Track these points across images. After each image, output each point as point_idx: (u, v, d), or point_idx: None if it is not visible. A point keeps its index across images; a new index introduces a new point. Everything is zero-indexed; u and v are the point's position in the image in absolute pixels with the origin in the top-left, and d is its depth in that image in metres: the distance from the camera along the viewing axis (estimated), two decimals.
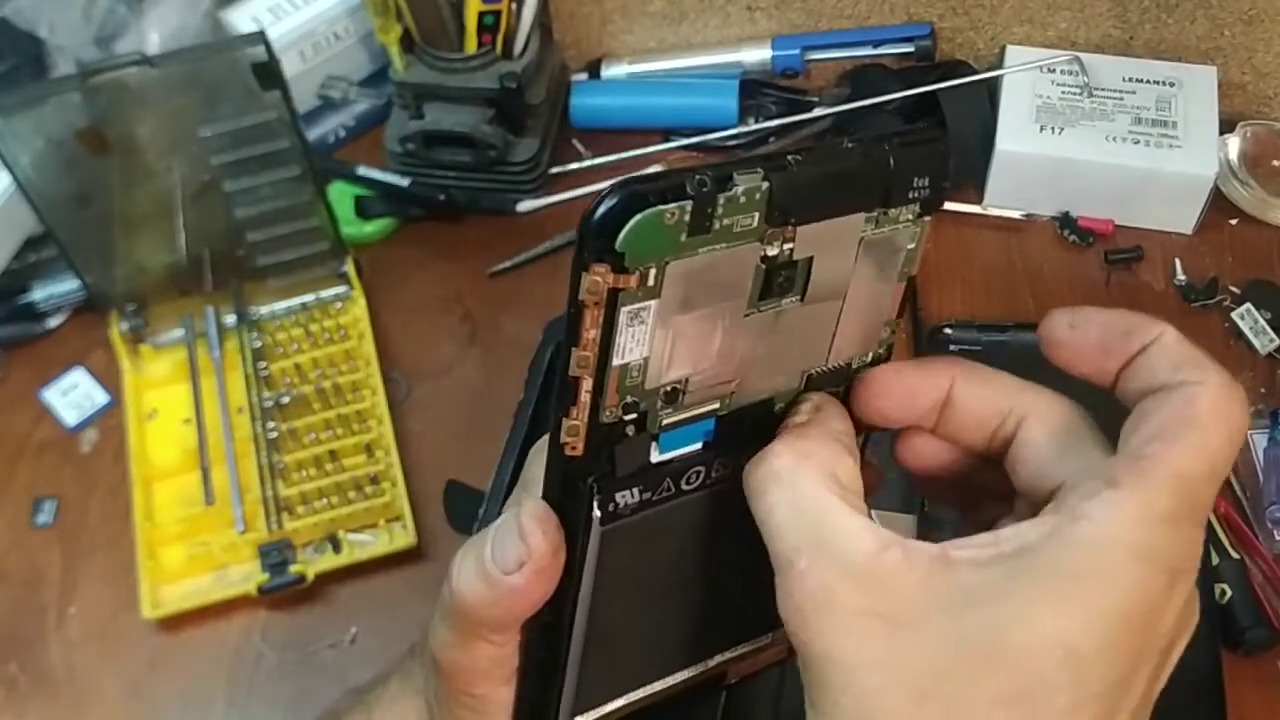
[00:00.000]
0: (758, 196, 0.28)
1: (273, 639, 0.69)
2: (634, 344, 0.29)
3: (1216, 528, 0.69)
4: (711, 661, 0.37)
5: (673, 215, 0.27)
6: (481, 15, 0.80)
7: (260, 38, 0.68)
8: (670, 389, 0.30)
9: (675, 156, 0.89)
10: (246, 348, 0.77)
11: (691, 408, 0.31)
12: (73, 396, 0.79)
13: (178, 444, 0.75)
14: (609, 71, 0.92)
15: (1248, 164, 0.85)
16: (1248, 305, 0.79)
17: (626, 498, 0.31)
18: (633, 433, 0.30)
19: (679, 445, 0.32)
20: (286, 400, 0.75)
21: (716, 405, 0.32)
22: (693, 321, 0.29)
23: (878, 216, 0.31)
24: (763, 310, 0.30)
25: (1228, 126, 0.85)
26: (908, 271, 0.33)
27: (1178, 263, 0.82)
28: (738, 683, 0.39)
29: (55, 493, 0.75)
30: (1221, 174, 0.83)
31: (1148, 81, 0.84)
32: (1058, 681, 0.26)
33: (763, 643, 0.38)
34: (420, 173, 0.85)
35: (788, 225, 0.29)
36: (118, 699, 0.67)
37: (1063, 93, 0.83)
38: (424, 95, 0.83)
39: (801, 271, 0.30)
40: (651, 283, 0.28)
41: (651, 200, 0.27)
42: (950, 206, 0.85)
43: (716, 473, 0.33)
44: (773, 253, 0.29)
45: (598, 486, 0.31)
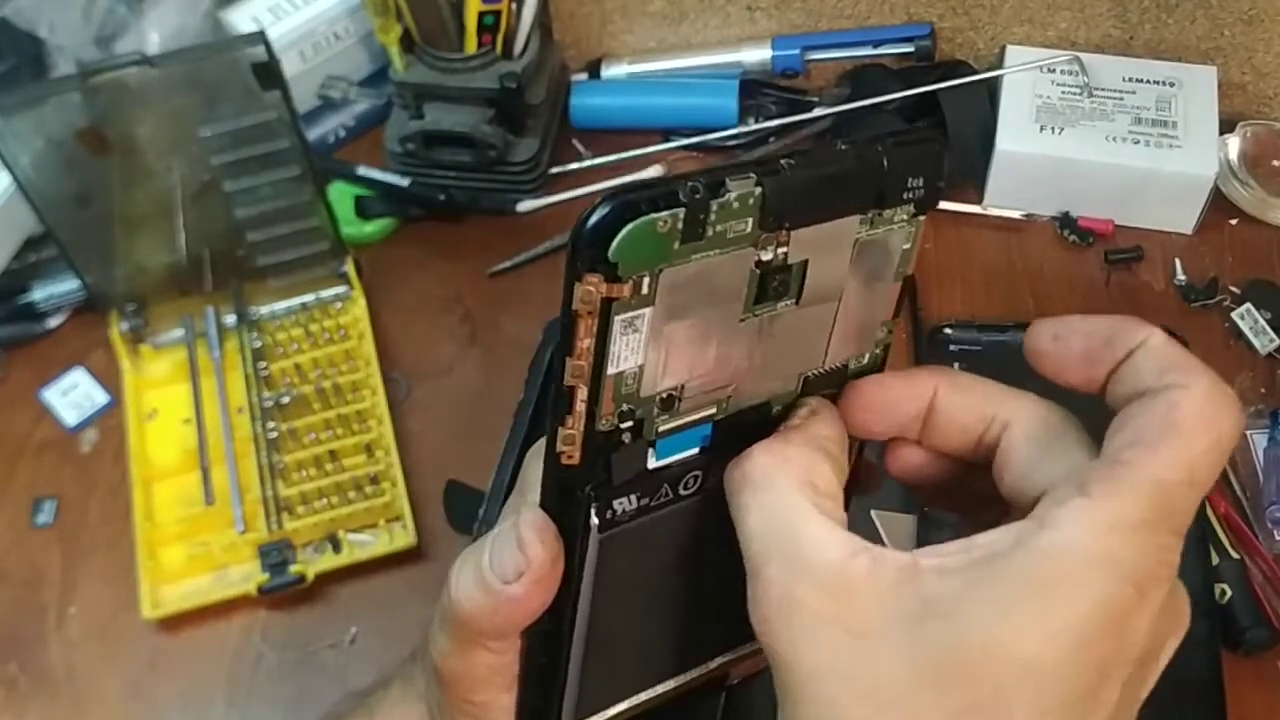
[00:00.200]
0: (751, 202, 0.28)
1: (273, 639, 0.69)
2: (629, 352, 0.29)
3: (1216, 528, 0.69)
4: (712, 664, 0.37)
5: (665, 223, 0.27)
6: (481, 15, 0.80)
7: (260, 38, 0.68)
8: (666, 396, 0.30)
9: (675, 156, 0.89)
10: (246, 348, 0.77)
11: (688, 414, 0.31)
12: (73, 396, 0.79)
13: (178, 444, 0.75)
14: (609, 71, 0.92)
15: (1248, 164, 0.85)
16: (1248, 305, 0.79)
17: (624, 504, 0.31)
18: (629, 440, 0.30)
19: (676, 451, 0.31)
20: (286, 400, 0.75)
21: (713, 410, 0.31)
22: (688, 328, 0.29)
23: (872, 218, 0.31)
24: (758, 315, 0.30)
25: (1228, 126, 0.85)
26: (903, 271, 0.33)
27: (1178, 263, 0.82)
28: (738, 683, 0.39)
29: (55, 493, 0.75)
30: (1221, 174, 0.83)
31: (1148, 81, 0.84)
32: (1018, 694, 0.26)
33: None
34: (420, 173, 0.85)
35: (782, 230, 0.29)
36: (118, 699, 0.67)
37: (1063, 93, 0.83)
38: (424, 95, 0.83)
39: (796, 275, 0.30)
40: (645, 291, 0.28)
41: (644, 209, 0.27)
42: (950, 206, 0.85)
43: (714, 476, 0.33)
44: (767, 257, 0.29)
45: (595, 494, 0.31)
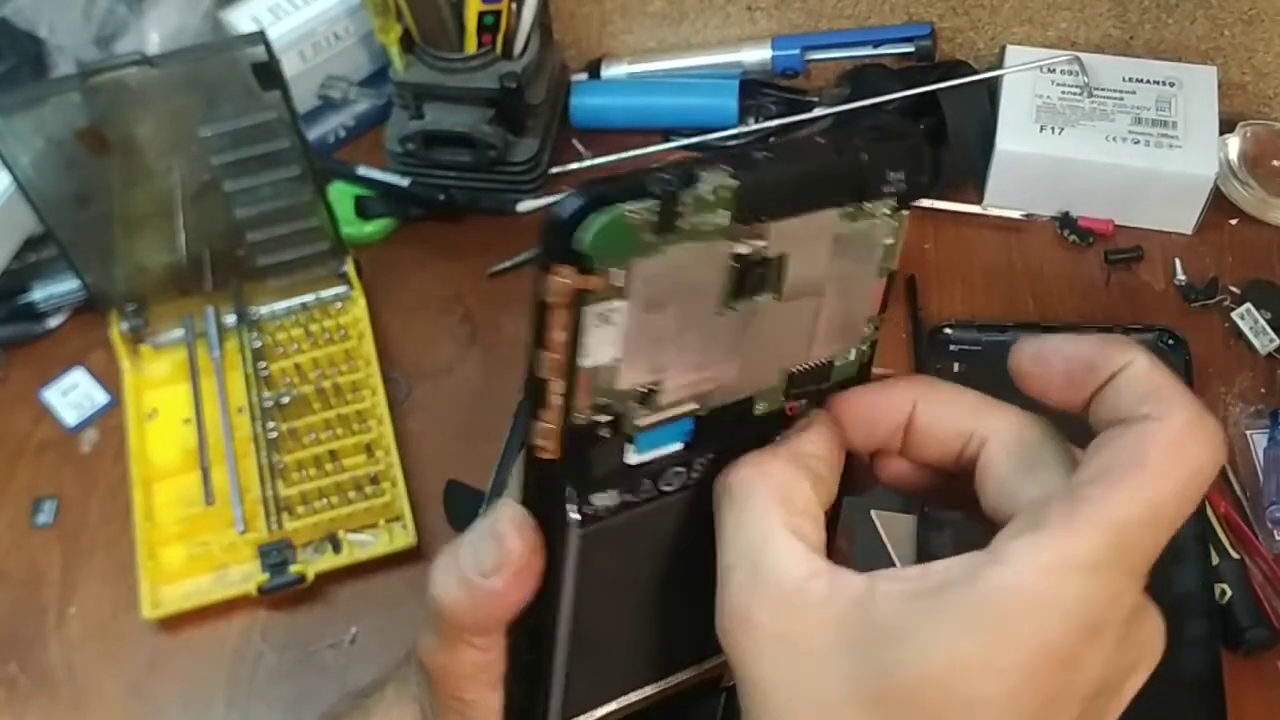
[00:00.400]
0: (726, 194, 0.28)
1: (273, 639, 0.69)
2: (602, 345, 0.28)
3: (1217, 528, 0.69)
4: (705, 665, 0.37)
5: (637, 215, 0.27)
6: (481, 15, 0.80)
7: (260, 38, 0.68)
8: (644, 390, 0.30)
9: (675, 157, 0.89)
10: (246, 348, 0.77)
11: (668, 409, 0.31)
12: (73, 396, 0.79)
13: (178, 444, 0.75)
14: (609, 71, 0.92)
15: (1248, 164, 0.85)
16: (1248, 305, 0.79)
17: (604, 500, 0.31)
18: (607, 435, 0.30)
19: (657, 446, 0.31)
20: (286, 400, 0.75)
21: (694, 406, 0.31)
22: (664, 321, 0.29)
23: (853, 211, 0.31)
24: (737, 309, 0.30)
25: (1228, 126, 0.85)
26: (888, 267, 0.32)
27: (1178, 263, 0.82)
28: (735, 685, 0.39)
29: (55, 493, 0.75)
30: (1221, 174, 0.83)
31: (1148, 81, 0.84)
32: None
33: None
34: (420, 173, 0.85)
35: (759, 223, 0.29)
36: (118, 699, 0.67)
37: (1063, 93, 0.83)
38: (424, 95, 0.83)
39: (776, 269, 0.30)
40: (618, 283, 0.28)
41: (615, 200, 0.27)
42: (950, 206, 0.85)
43: (698, 473, 0.32)
44: (744, 251, 0.29)
45: (574, 490, 0.31)
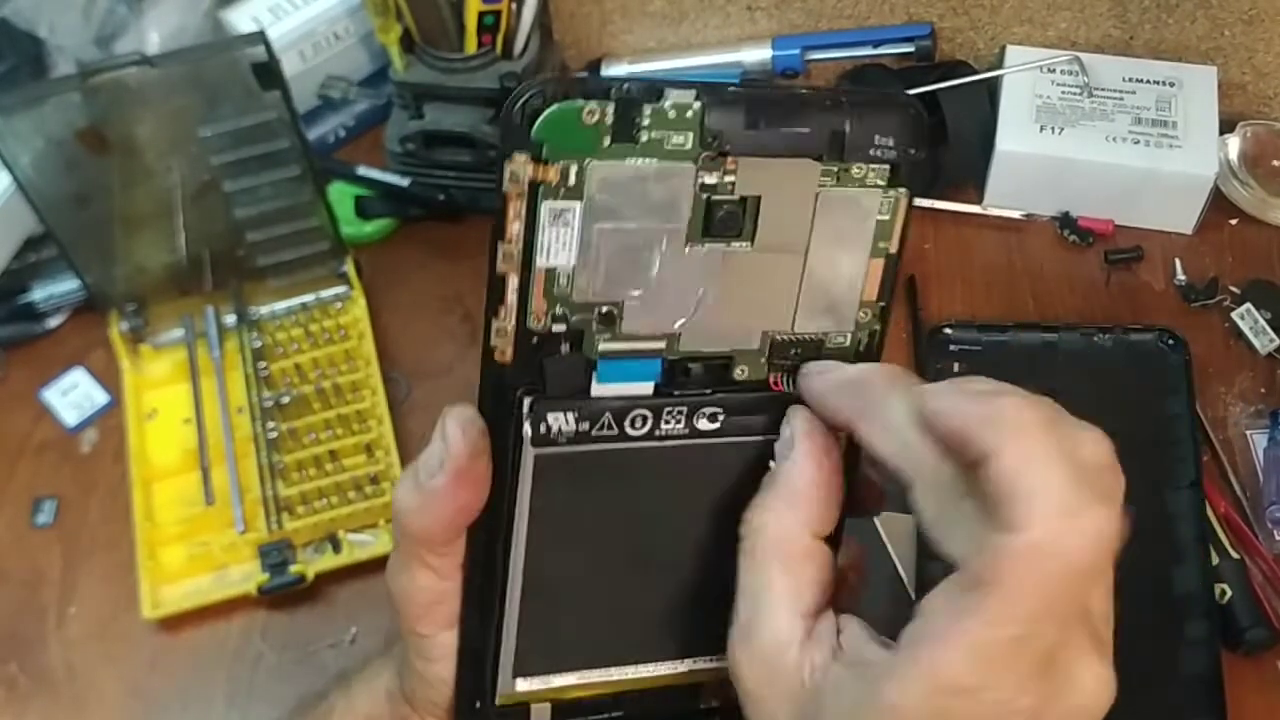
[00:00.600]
0: (689, 115, 0.28)
1: (273, 639, 0.69)
2: (559, 246, 0.29)
3: (1217, 527, 0.69)
4: (681, 665, 0.36)
5: (593, 114, 0.28)
6: (481, 15, 0.80)
7: (260, 38, 0.68)
8: (605, 309, 0.30)
9: None
10: (246, 348, 0.77)
11: (631, 339, 0.31)
12: (73, 396, 0.79)
13: (178, 444, 0.75)
14: (609, 71, 0.92)
15: (1248, 164, 0.85)
16: (1248, 305, 0.79)
17: (560, 422, 0.31)
18: (567, 350, 0.30)
19: (620, 379, 0.31)
20: (286, 400, 0.75)
21: (661, 344, 0.31)
22: (624, 236, 0.29)
23: (837, 172, 0.31)
24: (706, 246, 0.30)
25: (1228, 126, 0.85)
26: (885, 248, 0.32)
27: (1178, 262, 0.82)
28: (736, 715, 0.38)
29: (55, 493, 0.75)
30: (1221, 174, 0.83)
31: (1148, 81, 0.84)
32: None
33: None
34: (420, 173, 0.85)
35: (725, 154, 0.29)
36: (118, 699, 0.67)
37: (1063, 93, 0.83)
38: (424, 95, 0.83)
39: (750, 213, 0.30)
40: (573, 181, 0.28)
41: (571, 94, 0.28)
42: (950, 206, 0.85)
43: (668, 425, 0.32)
44: (712, 181, 0.29)
45: (529, 404, 0.31)
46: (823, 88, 0.29)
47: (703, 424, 0.33)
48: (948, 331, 0.77)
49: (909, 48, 0.88)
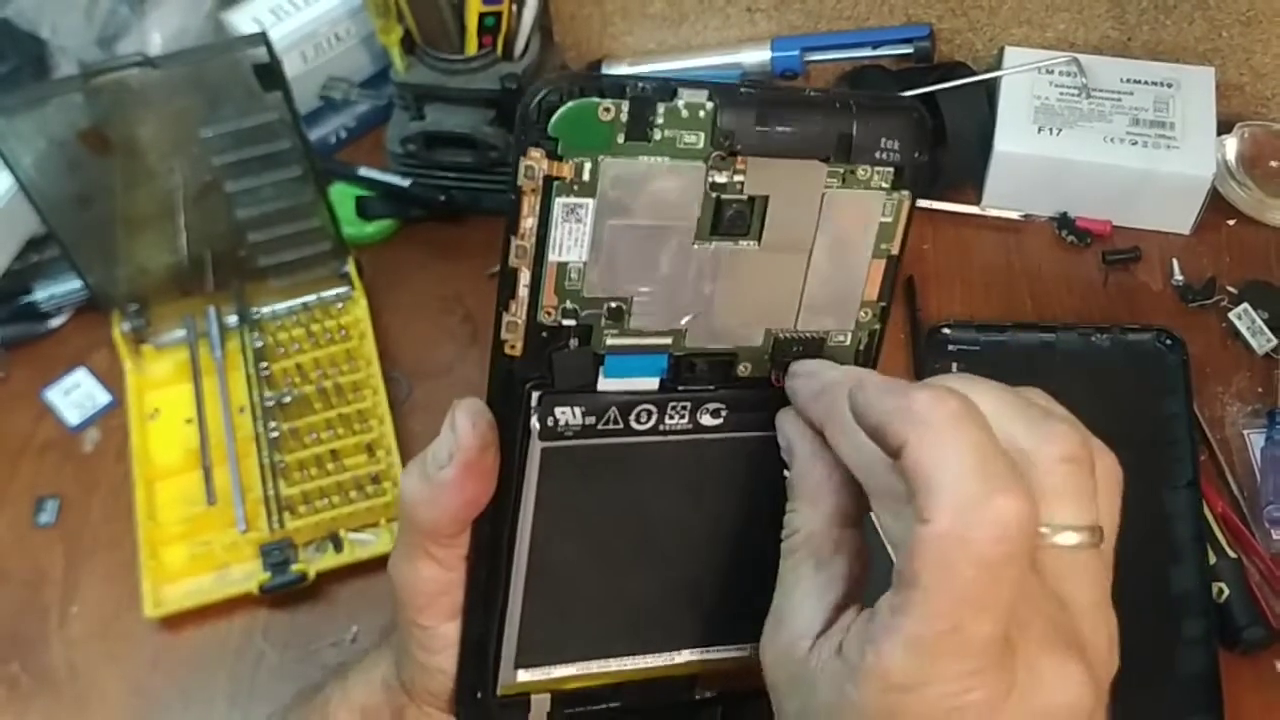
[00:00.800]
0: (701, 114, 0.29)
1: (274, 638, 0.69)
2: (571, 242, 0.29)
3: (1214, 527, 0.69)
4: (678, 656, 0.36)
5: (608, 111, 0.28)
6: (482, 17, 0.80)
7: (262, 39, 0.68)
8: (614, 305, 0.30)
9: None
10: (248, 348, 0.77)
11: (639, 335, 0.31)
12: (75, 396, 0.79)
13: (180, 444, 0.75)
14: (609, 73, 0.93)
15: (1245, 165, 0.85)
16: (1245, 305, 0.79)
17: (568, 416, 0.31)
18: (575, 345, 0.31)
19: (627, 374, 0.31)
20: (288, 400, 0.75)
21: (668, 341, 0.31)
22: (635, 233, 0.29)
23: (844, 174, 0.31)
24: (714, 244, 0.30)
25: (1225, 127, 0.85)
26: (887, 250, 0.33)
27: (1175, 263, 0.82)
28: (735, 705, 0.38)
29: (57, 492, 0.75)
30: (1219, 175, 0.83)
31: (1145, 83, 0.84)
32: None
33: (739, 654, 0.36)
34: (421, 173, 0.85)
35: (735, 154, 0.29)
36: (119, 698, 0.67)
37: (1061, 94, 0.84)
38: (425, 96, 0.83)
39: (757, 212, 0.30)
40: (587, 177, 0.28)
41: (587, 91, 0.28)
42: (949, 207, 0.85)
43: (672, 420, 0.32)
44: (721, 180, 0.30)
45: (538, 398, 0.31)
46: (831, 90, 0.29)
47: (706, 419, 0.33)
48: (946, 332, 0.77)
49: (908, 49, 0.88)
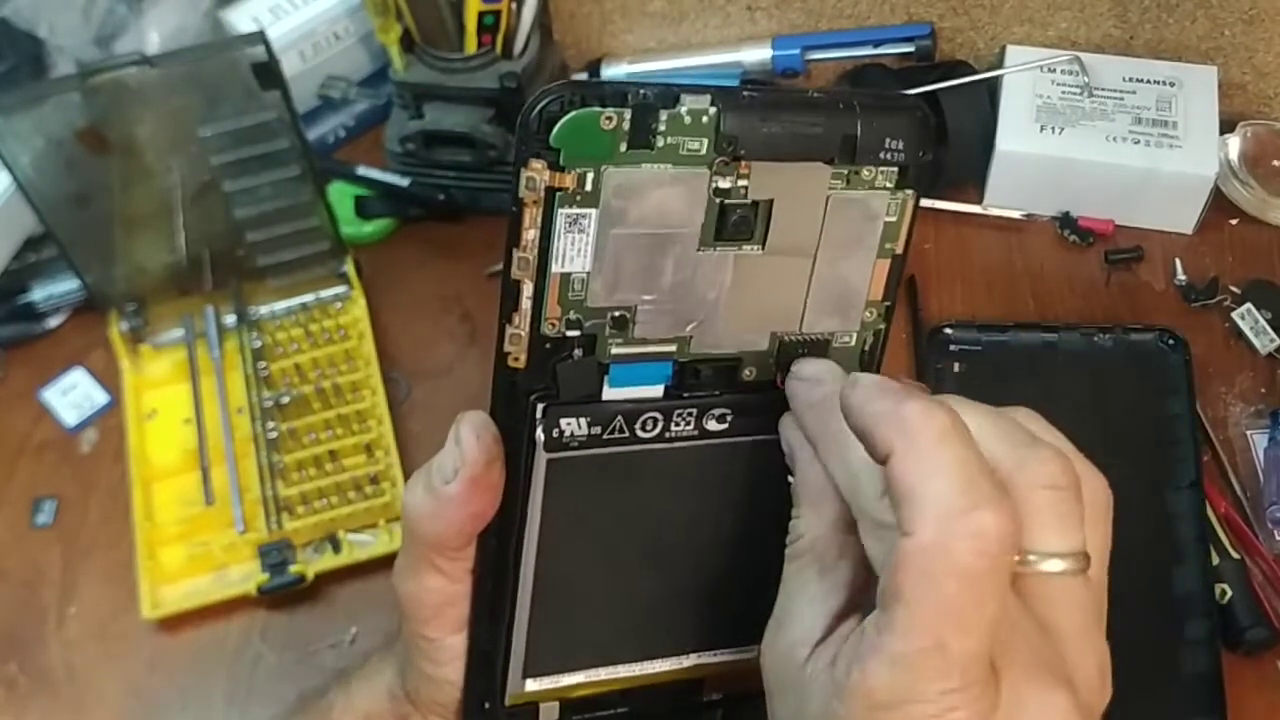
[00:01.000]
0: (704, 120, 0.28)
1: (272, 639, 0.69)
2: (574, 252, 0.29)
3: (1217, 527, 0.69)
4: (685, 660, 0.36)
5: (610, 120, 0.27)
6: (481, 15, 0.80)
7: (260, 37, 0.68)
8: (618, 314, 0.30)
9: None
10: (246, 348, 0.77)
11: (643, 343, 0.31)
12: (72, 396, 0.79)
13: (177, 444, 0.75)
14: (609, 71, 0.92)
15: (1248, 164, 0.85)
16: (1248, 305, 0.79)
17: (573, 427, 0.31)
18: (580, 355, 0.30)
19: (632, 383, 0.31)
20: (286, 400, 0.75)
21: (673, 348, 0.31)
22: (638, 242, 0.29)
23: (847, 174, 0.31)
24: (718, 250, 0.30)
25: (1228, 126, 0.85)
26: (891, 249, 0.32)
27: (1178, 262, 0.82)
28: (734, 706, 0.38)
29: (55, 493, 0.75)
30: (1222, 174, 0.83)
31: (1148, 81, 0.84)
32: None
33: (745, 656, 0.36)
34: (420, 173, 0.85)
35: (740, 159, 0.29)
36: (117, 699, 0.67)
37: (1063, 92, 0.83)
38: (424, 95, 0.83)
39: (761, 216, 0.30)
40: (589, 187, 0.28)
41: (589, 100, 0.27)
42: (950, 206, 0.85)
43: (678, 426, 0.32)
44: (725, 185, 0.29)
45: (543, 409, 0.31)
46: (834, 91, 0.29)
47: (711, 425, 0.33)
48: (948, 331, 0.77)
49: (909, 48, 0.88)
